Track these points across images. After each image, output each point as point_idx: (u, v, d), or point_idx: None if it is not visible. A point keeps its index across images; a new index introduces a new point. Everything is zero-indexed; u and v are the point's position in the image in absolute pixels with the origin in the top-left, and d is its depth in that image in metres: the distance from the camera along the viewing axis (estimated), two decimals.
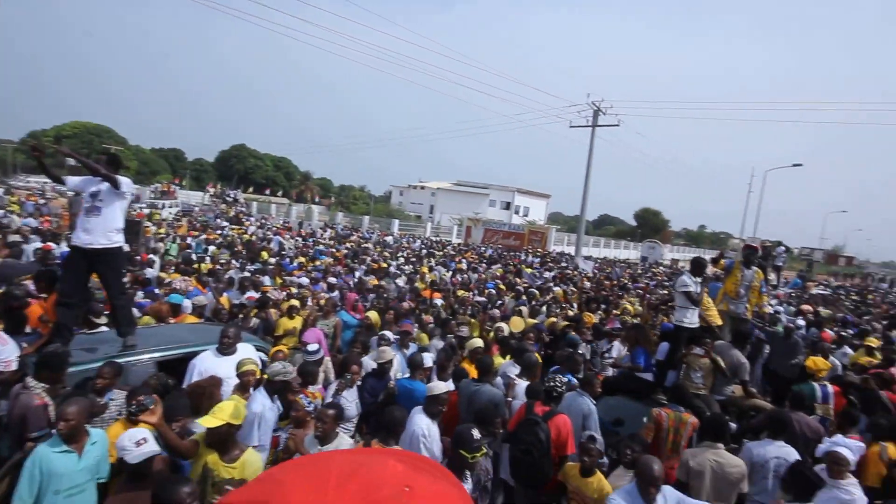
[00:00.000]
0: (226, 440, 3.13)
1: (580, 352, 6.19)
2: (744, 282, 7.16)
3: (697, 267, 6.23)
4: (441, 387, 4.18)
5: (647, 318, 8.96)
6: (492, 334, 6.80)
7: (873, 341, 9.27)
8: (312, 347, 5.03)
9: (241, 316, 6.31)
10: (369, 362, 5.33)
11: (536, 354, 6.03)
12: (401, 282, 11.48)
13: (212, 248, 13.26)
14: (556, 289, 12.69)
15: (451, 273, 14.20)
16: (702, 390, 5.49)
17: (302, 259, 12.37)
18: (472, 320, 7.65)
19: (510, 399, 4.96)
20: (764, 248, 9.79)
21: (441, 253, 20.67)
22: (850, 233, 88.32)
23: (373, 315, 7.02)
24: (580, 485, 3.69)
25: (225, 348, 4.36)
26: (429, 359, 5.29)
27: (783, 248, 18.52)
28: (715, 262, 8.73)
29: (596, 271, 18.50)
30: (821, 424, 5.12)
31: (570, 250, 30.05)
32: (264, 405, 3.91)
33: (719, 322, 6.56)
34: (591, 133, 23.56)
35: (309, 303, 7.64)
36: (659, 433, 4.50)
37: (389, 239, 25.24)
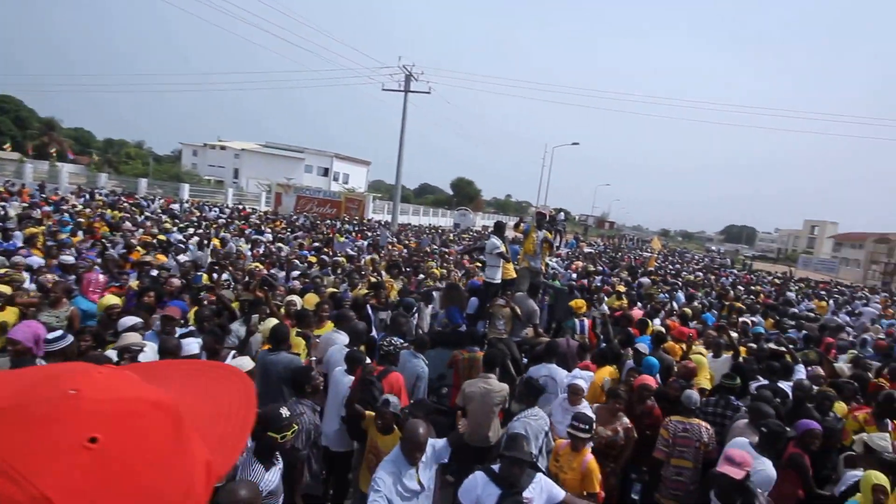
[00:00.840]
0: None
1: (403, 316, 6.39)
2: (537, 240, 8.39)
3: (500, 228, 7.25)
4: (247, 363, 3.98)
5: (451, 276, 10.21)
6: (283, 309, 6.20)
7: (621, 288, 11.36)
8: (54, 335, 3.96)
9: None
10: (113, 355, 4.30)
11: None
12: (185, 257, 9.71)
13: None
14: (367, 257, 12.45)
15: (250, 245, 12.66)
16: (503, 335, 6.32)
17: (34, 230, 9.50)
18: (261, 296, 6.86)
19: (314, 359, 5.07)
20: (549, 215, 10.99)
21: (243, 223, 18.52)
22: (612, 202, 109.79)
23: (110, 300, 5.59)
24: (379, 441, 3.75)
25: None
26: (194, 345, 4.62)
27: (562, 214, 21.22)
28: (516, 227, 9.89)
29: (394, 239, 18.48)
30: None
31: (389, 218, 29.94)
32: None
33: (514, 276, 7.37)
34: (403, 98, 23.35)
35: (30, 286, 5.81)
36: (457, 370, 5.37)
37: (177, 207, 21.77)
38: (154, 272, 7.60)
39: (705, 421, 4.53)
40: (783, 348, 6.96)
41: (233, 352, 4.82)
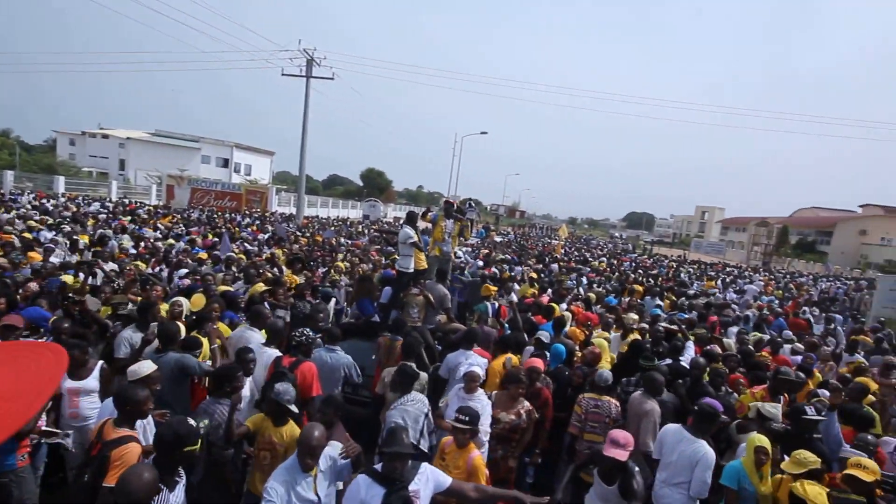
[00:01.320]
0: None
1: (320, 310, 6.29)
2: (446, 230, 8.66)
3: (412, 218, 7.35)
4: (146, 367, 3.63)
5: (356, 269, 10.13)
6: (164, 311, 5.56)
7: (534, 275, 11.61)
8: None
9: None
10: None
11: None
12: (57, 259, 8.42)
13: None
14: (267, 251, 11.72)
15: (133, 242, 11.38)
16: (417, 322, 6.42)
17: None
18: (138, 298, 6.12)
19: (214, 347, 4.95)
20: (457, 204, 11.09)
21: (125, 218, 16.68)
22: (522, 192, 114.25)
23: None
24: (275, 436, 3.54)
25: None
26: None
27: (471, 203, 21.49)
28: (423, 216, 9.99)
29: (296, 233, 17.55)
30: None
31: (295, 211, 28.60)
32: None
33: (424, 266, 7.48)
34: (305, 84, 22.17)
35: None
36: (379, 353, 5.60)
37: (51, 202, 19.17)
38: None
39: (626, 399, 4.84)
40: (675, 327, 7.42)
41: (101, 363, 4.33)
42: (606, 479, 3.46)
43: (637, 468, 3.41)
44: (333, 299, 7.82)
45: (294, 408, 3.57)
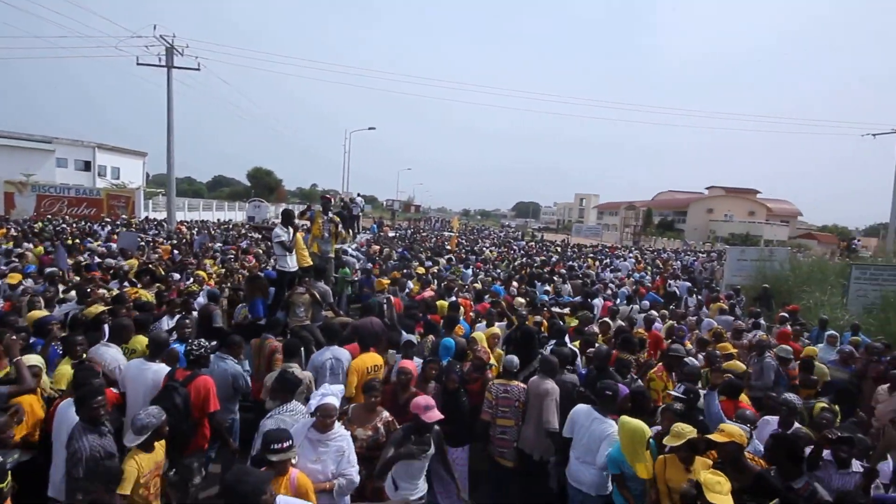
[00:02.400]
0: None
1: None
2: (325, 226, 8.54)
3: (286, 217, 7.06)
4: None
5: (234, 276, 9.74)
6: None
7: (421, 270, 11.46)
8: None
9: None
10: None
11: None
12: None
13: None
14: (120, 262, 10.29)
15: None
16: (305, 321, 6.23)
17: None
18: None
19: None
20: (343, 201, 10.61)
21: None
22: (416, 186, 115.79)
23: None
24: (153, 459, 3.24)
25: None
26: None
27: (360, 198, 20.73)
28: (302, 214, 9.66)
29: (157, 241, 15.75)
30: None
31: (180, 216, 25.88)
32: None
33: (310, 263, 7.42)
34: (167, 75, 19.90)
35: None
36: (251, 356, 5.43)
37: None
38: None
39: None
40: (545, 310, 7.68)
41: None
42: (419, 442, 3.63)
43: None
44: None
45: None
